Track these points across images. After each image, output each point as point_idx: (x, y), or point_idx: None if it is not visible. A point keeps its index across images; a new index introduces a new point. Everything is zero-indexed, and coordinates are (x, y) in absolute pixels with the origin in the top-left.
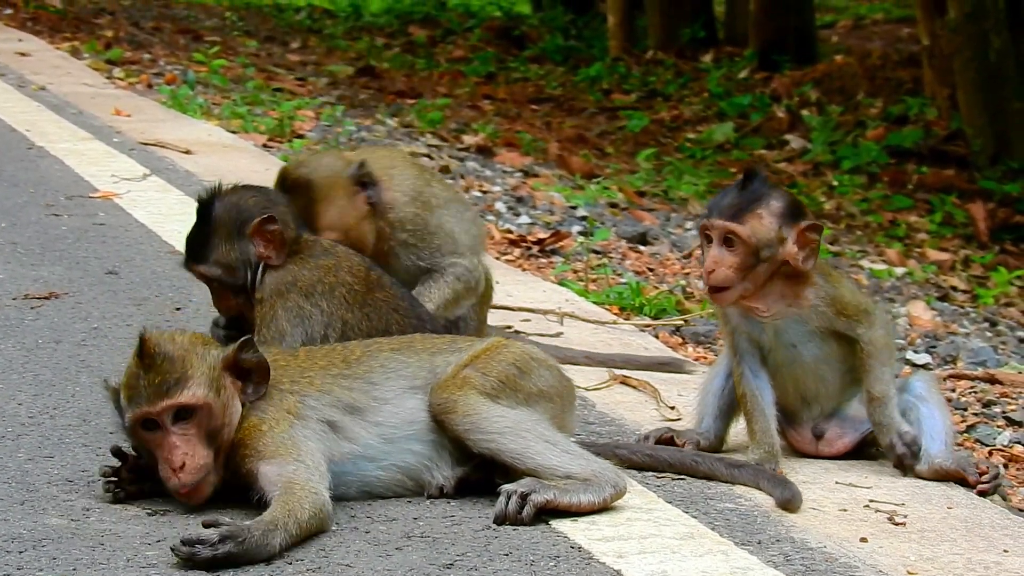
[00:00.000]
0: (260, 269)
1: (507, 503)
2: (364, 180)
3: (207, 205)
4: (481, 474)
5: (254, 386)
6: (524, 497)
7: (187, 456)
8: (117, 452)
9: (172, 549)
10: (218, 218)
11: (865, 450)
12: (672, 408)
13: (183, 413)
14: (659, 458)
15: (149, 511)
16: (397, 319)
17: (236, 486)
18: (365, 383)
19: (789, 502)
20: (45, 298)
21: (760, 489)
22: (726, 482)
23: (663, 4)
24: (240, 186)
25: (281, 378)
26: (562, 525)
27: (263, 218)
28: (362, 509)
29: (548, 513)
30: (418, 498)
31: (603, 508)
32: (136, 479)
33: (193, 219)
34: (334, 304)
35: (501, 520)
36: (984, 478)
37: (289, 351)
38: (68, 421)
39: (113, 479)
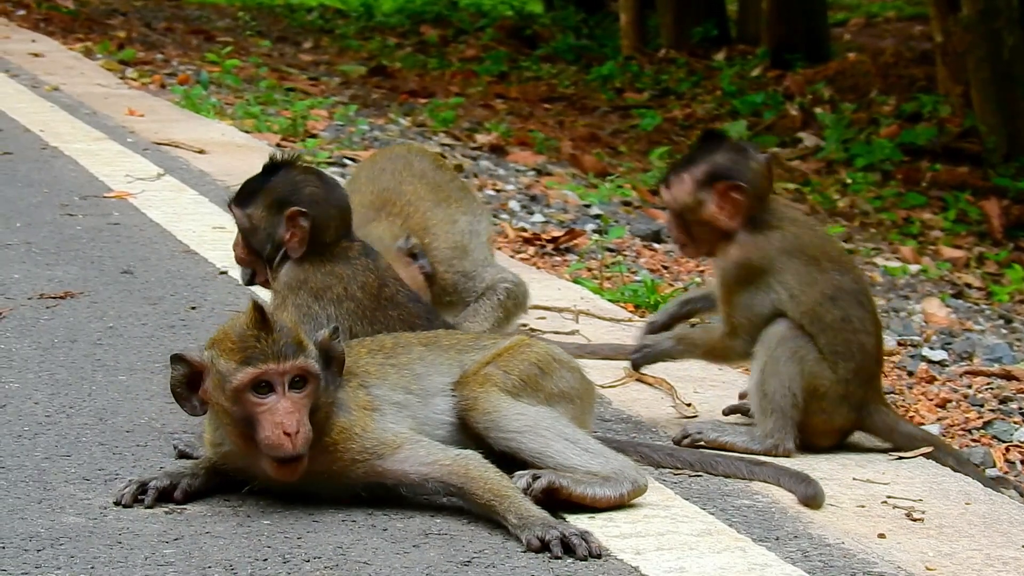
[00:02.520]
0: (281, 252)
1: (516, 483)
2: (414, 252)
3: (277, 166)
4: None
5: (333, 375)
6: (534, 477)
7: (301, 423)
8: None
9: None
10: (273, 183)
11: None
12: (689, 405)
13: (299, 381)
14: (679, 458)
15: (166, 510)
16: None
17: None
18: (411, 373)
19: (812, 499)
20: (60, 298)
21: (781, 487)
22: (745, 479)
23: (675, 3)
24: (314, 170)
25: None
26: (579, 522)
27: (299, 210)
28: (380, 506)
29: (564, 507)
30: (436, 495)
31: (620, 504)
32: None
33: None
34: (341, 314)
35: None
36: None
37: None
38: (84, 420)
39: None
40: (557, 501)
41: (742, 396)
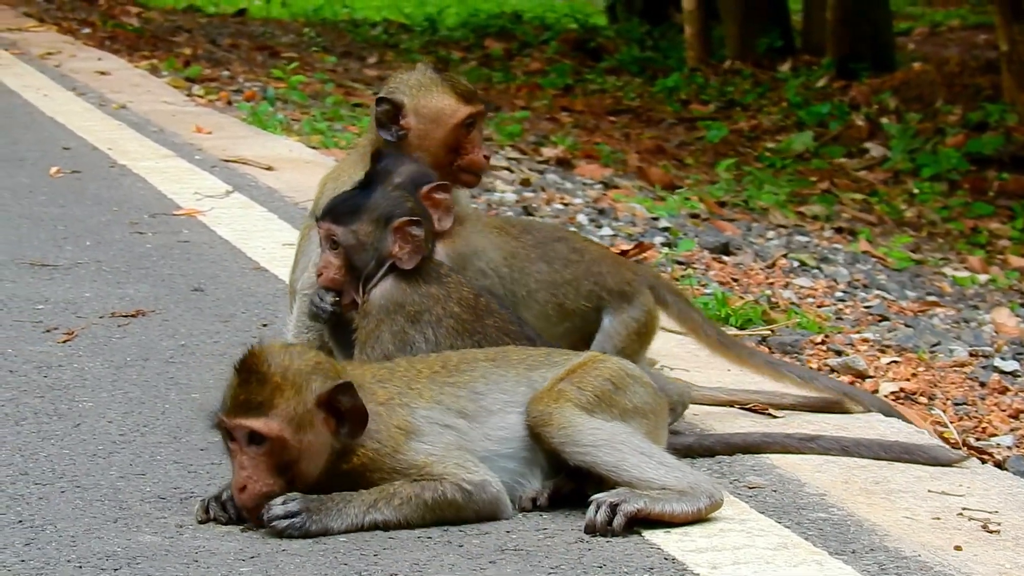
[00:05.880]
0: (384, 268)
1: (596, 512)
2: None
3: (371, 182)
4: (574, 484)
5: (349, 427)
6: (614, 507)
7: (249, 480)
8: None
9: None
10: (376, 198)
11: None
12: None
13: (256, 438)
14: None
15: (242, 527)
16: (508, 342)
17: None
18: (471, 392)
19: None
20: (132, 316)
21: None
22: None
23: (740, 14)
24: (406, 186)
25: (388, 394)
26: (655, 536)
27: (411, 220)
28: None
29: (641, 523)
30: None
31: (697, 519)
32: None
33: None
34: (441, 333)
35: (591, 530)
36: None
37: (388, 364)
38: (159, 438)
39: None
40: (635, 520)
41: None
